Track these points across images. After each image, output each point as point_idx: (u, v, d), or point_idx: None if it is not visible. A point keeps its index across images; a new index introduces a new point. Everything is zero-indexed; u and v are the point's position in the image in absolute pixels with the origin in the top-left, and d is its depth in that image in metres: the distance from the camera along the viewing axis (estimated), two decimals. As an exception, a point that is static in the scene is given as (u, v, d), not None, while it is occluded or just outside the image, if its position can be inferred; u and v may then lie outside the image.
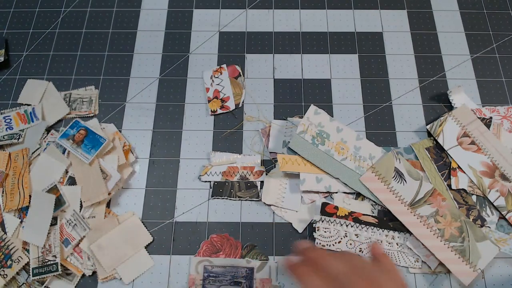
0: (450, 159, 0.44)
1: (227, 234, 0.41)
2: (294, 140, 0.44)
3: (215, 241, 0.41)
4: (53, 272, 0.39)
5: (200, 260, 0.40)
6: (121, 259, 0.40)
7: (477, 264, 0.39)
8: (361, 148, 0.44)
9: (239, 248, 0.41)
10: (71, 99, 0.48)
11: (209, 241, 0.41)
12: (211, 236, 0.41)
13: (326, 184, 0.43)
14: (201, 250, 0.41)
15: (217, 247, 0.41)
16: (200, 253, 0.40)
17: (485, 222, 0.41)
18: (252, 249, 0.41)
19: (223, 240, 0.41)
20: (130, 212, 0.42)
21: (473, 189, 0.42)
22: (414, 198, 0.41)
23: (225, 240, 0.41)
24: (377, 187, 0.42)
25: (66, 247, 0.40)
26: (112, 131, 0.46)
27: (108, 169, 0.42)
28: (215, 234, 0.41)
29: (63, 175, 0.43)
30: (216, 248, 0.41)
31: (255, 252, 0.41)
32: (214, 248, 0.41)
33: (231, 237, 0.41)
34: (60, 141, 0.43)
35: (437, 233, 0.40)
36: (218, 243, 0.41)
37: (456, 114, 0.45)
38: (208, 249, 0.41)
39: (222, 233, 0.42)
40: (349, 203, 0.42)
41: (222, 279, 0.39)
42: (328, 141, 0.44)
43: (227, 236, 0.41)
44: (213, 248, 0.41)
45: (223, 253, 0.40)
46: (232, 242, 0.41)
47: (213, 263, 0.40)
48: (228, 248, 0.41)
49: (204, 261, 0.40)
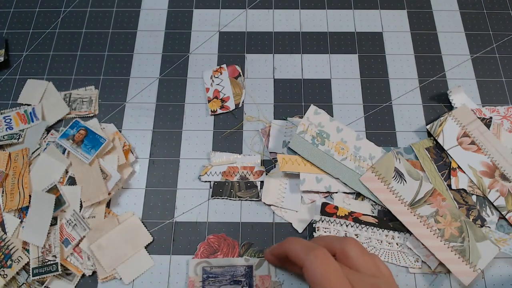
0: (450, 159, 0.44)
1: (224, 234, 0.41)
2: (294, 140, 0.44)
3: (212, 242, 0.41)
4: (53, 272, 0.39)
5: (198, 262, 0.40)
6: (121, 259, 0.40)
7: (477, 264, 0.39)
8: (361, 148, 0.44)
9: (237, 247, 0.41)
10: (71, 99, 0.48)
11: (206, 242, 0.41)
12: (207, 237, 0.41)
13: (326, 184, 0.43)
14: (198, 251, 0.40)
15: (214, 247, 0.41)
16: (198, 254, 0.40)
17: (485, 222, 0.41)
18: (249, 247, 0.41)
19: (220, 240, 0.41)
20: (130, 212, 0.42)
21: (473, 189, 0.42)
22: (414, 198, 0.41)
23: (222, 240, 0.41)
24: (377, 187, 0.42)
25: (66, 247, 0.40)
26: (112, 131, 0.46)
27: (108, 169, 0.42)
28: (212, 235, 0.41)
29: (63, 175, 0.43)
30: (214, 248, 0.41)
31: (252, 250, 0.41)
32: (212, 249, 0.41)
33: (228, 236, 0.41)
34: (60, 141, 0.43)
35: (437, 233, 0.40)
36: (215, 244, 0.41)
37: (456, 114, 0.45)
38: (206, 250, 0.41)
39: (222, 233, 0.42)
40: (349, 203, 0.42)
41: (222, 279, 0.39)
42: (328, 141, 0.44)
43: (223, 236, 0.41)
44: (211, 249, 0.41)
45: (221, 253, 0.40)
46: (229, 242, 0.41)
47: (212, 264, 0.40)
48: (226, 248, 0.41)
49: (202, 263, 0.40)
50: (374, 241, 0.40)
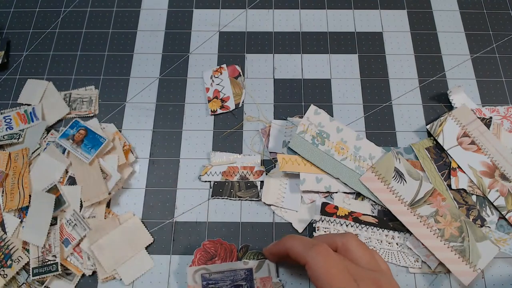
0: (450, 159, 0.44)
1: (220, 239, 0.41)
2: (294, 140, 0.44)
3: (208, 248, 0.40)
4: (53, 272, 0.39)
5: (196, 270, 0.39)
6: (122, 259, 0.40)
7: (477, 264, 0.39)
8: (361, 148, 0.44)
9: (234, 251, 0.40)
10: (71, 99, 0.48)
11: (202, 249, 0.40)
12: (203, 243, 0.41)
13: (326, 184, 0.43)
14: (195, 259, 0.40)
15: (211, 253, 0.40)
16: (195, 262, 0.40)
17: (485, 222, 0.41)
18: (248, 250, 0.41)
19: (216, 245, 0.41)
20: (131, 213, 0.42)
21: (473, 189, 0.42)
22: (414, 198, 0.41)
23: (219, 245, 0.41)
24: (377, 187, 0.42)
25: (66, 247, 0.40)
26: (112, 131, 0.46)
27: (108, 169, 0.42)
28: (207, 240, 0.41)
29: (63, 175, 0.43)
30: (211, 254, 0.40)
31: (251, 252, 0.41)
32: (209, 254, 0.40)
33: (224, 241, 0.41)
34: (60, 141, 0.43)
35: (437, 233, 0.40)
36: (211, 249, 0.40)
37: (456, 114, 0.45)
38: (203, 256, 0.40)
39: (220, 235, 0.42)
40: (349, 203, 0.42)
41: (222, 285, 0.38)
42: (328, 141, 0.44)
43: (219, 241, 0.41)
44: (208, 255, 0.40)
45: (219, 258, 0.40)
46: (226, 246, 0.41)
47: (210, 270, 0.39)
48: (223, 252, 0.40)
49: (201, 270, 0.39)
50: (374, 241, 0.40)
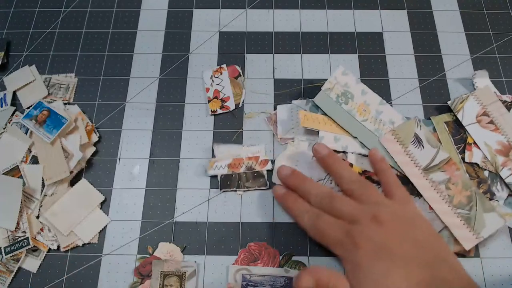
0: (467, 135, 0.45)
1: (265, 243, 0.41)
2: (319, 95, 0.45)
3: (253, 250, 0.41)
4: (25, 246, 0.40)
5: (238, 269, 0.39)
6: (77, 220, 0.42)
7: (480, 232, 0.40)
8: (383, 112, 0.45)
9: (277, 257, 0.40)
10: (50, 83, 0.49)
11: (247, 249, 0.41)
12: (248, 244, 0.41)
13: (343, 144, 0.44)
14: (238, 258, 0.40)
15: (255, 255, 0.40)
16: (238, 261, 0.40)
17: (494, 196, 0.42)
18: (290, 258, 0.40)
19: (261, 248, 0.41)
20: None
21: (486, 165, 0.43)
22: (429, 164, 0.42)
23: (263, 248, 0.41)
24: (395, 149, 0.43)
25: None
26: (75, 112, 0.47)
27: (71, 148, 0.44)
28: (253, 243, 0.41)
29: (27, 154, 0.44)
30: (254, 256, 0.40)
31: (293, 262, 0.40)
32: (252, 256, 0.40)
33: (269, 245, 0.41)
34: (23, 121, 0.45)
35: (446, 198, 0.41)
36: (256, 252, 0.40)
37: (478, 94, 0.46)
38: (246, 257, 0.40)
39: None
40: (362, 162, 0.44)
41: None
42: (351, 102, 0.45)
43: (265, 244, 0.41)
44: (251, 257, 0.40)
45: (261, 261, 0.40)
46: (270, 251, 0.41)
47: (252, 271, 0.39)
48: (266, 257, 0.40)
49: (242, 270, 0.39)
50: None
